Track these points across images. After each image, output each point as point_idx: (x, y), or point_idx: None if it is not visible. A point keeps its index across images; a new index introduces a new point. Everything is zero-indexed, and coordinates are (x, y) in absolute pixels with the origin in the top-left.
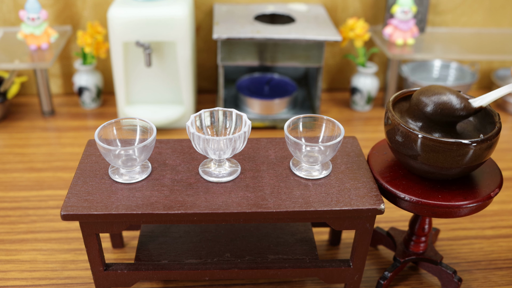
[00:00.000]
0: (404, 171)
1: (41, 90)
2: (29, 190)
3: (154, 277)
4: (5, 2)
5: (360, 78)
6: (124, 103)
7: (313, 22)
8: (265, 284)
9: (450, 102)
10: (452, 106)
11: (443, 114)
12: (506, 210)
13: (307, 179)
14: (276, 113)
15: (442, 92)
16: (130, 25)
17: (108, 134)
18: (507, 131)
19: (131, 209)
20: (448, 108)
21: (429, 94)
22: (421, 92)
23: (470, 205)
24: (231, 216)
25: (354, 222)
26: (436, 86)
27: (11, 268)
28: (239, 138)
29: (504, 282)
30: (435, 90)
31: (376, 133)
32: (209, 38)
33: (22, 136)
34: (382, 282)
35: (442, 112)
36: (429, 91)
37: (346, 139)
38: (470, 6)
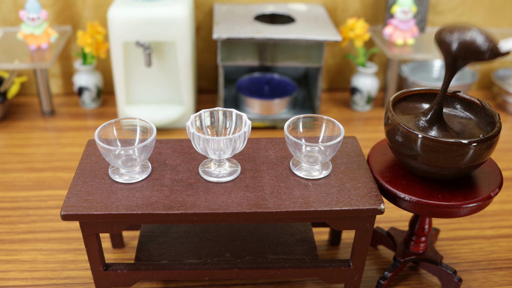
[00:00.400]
0: (404, 171)
1: (41, 90)
2: (29, 190)
3: (154, 277)
4: (5, 2)
5: (360, 78)
6: (124, 103)
7: (313, 22)
8: (265, 284)
9: (475, 41)
10: (477, 46)
11: (467, 55)
12: (506, 210)
13: (307, 179)
14: (276, 113)
15: (467, 29)
16: (130, 25)
17: (108, 134)
18: (507, 131)
19: (131, 209)
20: (472, 48)
21: (453, 30)
22: (444, 29)
23: (470, 205)
24: (231, 216)
25: (354, 222)
26: (462, 23)
27: (11, 268)
28: (239, 138)
29: (504, 282)
30: (460, 27)
31: (376, 133)
32: (209, 38)
33: (22, 136)
34: (382, 282)
35: (466, 52)
36: (453, 27)
37: (346, 139)
38: (470, 6)
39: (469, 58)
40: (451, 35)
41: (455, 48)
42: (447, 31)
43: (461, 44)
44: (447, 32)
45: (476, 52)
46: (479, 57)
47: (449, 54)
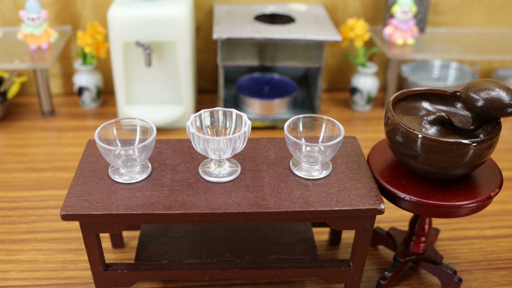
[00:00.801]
0: (404, 171)
1: (41, 90)
2: (29, 190)
3: (154, 277)
4: (5, 2)
5: (360, 78)
6: (124, 103)
7: (313, 22)
8: (265, 284)
9: (499, 97)
10: (502, 102)
11: (492, 110)
12: (506, 210)
13: (307, 179)
14: (276, 113)
15: (491, 87)
16: (130, 25)
17: (108, 134)
18: (507, 131)
19: (131, 209)
20: (497, 104)
21: (477, 90)
22: (469, 87)
23: (470, 205)
24: (231, 216)
25: (354, 222)
26: (484, 80)
27: (11, 268)
28: (239, 138)
29: (504, 282)
30: (483, 85)
31: (376, 133)
32: (209, 38)
33: (22, 136)
34: (382, 282)
35: (491, 108)
36: (477, 86)
37: (346, 139)
38: (470, 6)
39: (495, 114)
40: (477, 94)
41: (481, 105)
42: (472, 90)
43: (487, 101)
44: (473, 91)
45: (500, 108)
46: (503, 113)
47: (475, 111)
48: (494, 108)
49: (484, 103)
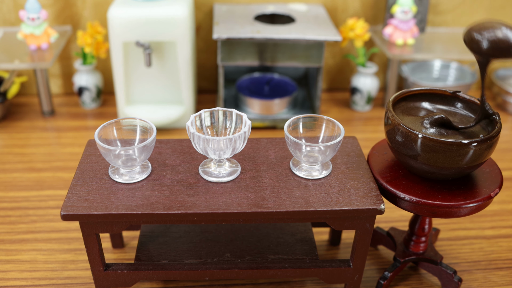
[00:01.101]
0: (404, 171)
1: (41, 90)
2: (29, 190)
3: (154, 277)
4: (5, 2)
5: (360, 78)
6: (124, 103)
7: (313, 22)
8: (265, 284)
9: (506, 38)
10: (508, 42)
11: (499, 52)
12: (506, 210)
13: (307, 179)
14: (276, 113)
15: (496, 27)
16: (130, 25)
17: (108, 134)
18: (507, 131)
19: (131, 209)
20: (504, 44)
21: (482, 29)
22: (472, 27)
23: (470, 205)
24: (231, 216)
25: (354, 222)
26: (489, 20)
27: (11, 268)
28: (239, 138)
29: (504, 282)
30: (489, 25)
31: (376, 133)
32: (209, 38)
33: (22, 136)
34: (382, 282)
35: (498, 50)
36: (482, 26)
37: (346, 139)
38: (470, 6)
39: (501, 55)
40: (480, 34)
41: (486, 46)
42: (476, 30)
43: (492, 42)
44: (476, 31)
45: (508, 49)
46: (511, 54)
47: (481, 53)
48: (501, 49)
49: (489, 44)
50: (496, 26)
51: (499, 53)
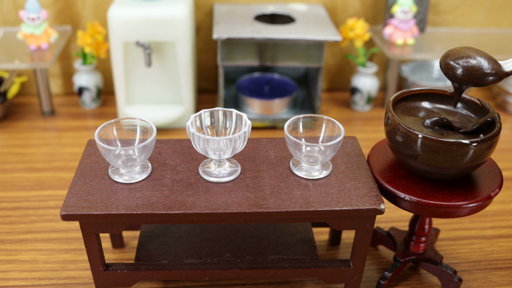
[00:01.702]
0: (404, 171)
1: (41, 90)
2: (29, 190)
3: (154, 277)
4: (5, 2)
5: (360, 78)
6: (124, 103)
7: (313, 22)
8: (265, 284)
9: (479, 66)
10: (482, 70)
11: (472, 79)
12: (506, 210)
13: (307, 179)
14: (276, 113)
15: (470, 55)
16: (130, 25)
17: (108, 134)
18: (507, 131)
19: (131, 209)
20: (477, 72)
21: (456, 57)
22: (448, 55)
23: (470, 205)
24: (231, 216)
25: (354, 222)
26: (464, 48)
27: (11, 268)
28: (239, 138)
29: (504, 282)
30: (463, 53)
31: (376, 133)
32: (209, 38)
33: (22, 136)
34: (382, 282)
35: (471, 77)
36: (456, 54)
37: (346, 139)
38: (470, 6)
39: (475, 83)
40: (456, 62)
41: (461, 74)
42: (451, 58)
43: (467, 70)
44: (452, 59)
45: (481, 76)
46: (484, 82)
47: (456, 80)
48: (475, 77)
49: (464, 71)
50: (471, 54)
51: (473, 81)
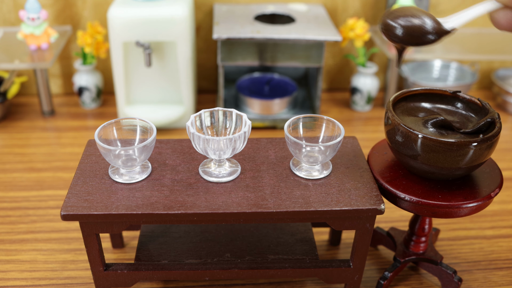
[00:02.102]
0: (404, 171)
1: (41, 90)
2: (29, 190)
3: (154, 277)
4: (5, 2)
5: (360, 78)
6: (124, 103)
7: (313, 22)
8: (265, 284)
9: (420, 25)
10: (422, 30)
11: (413, 38)
12: (506, 210)
13: (307, 179)
14: (276, 113)
15: (409, 13)
16: (130, 25)
17: (108, 134)
18: (507, 131)
19: (131, 209)
20: (417, 32)
21: (395, 16)
22: (387, 14)
23: (470, 205)
24: (231, 216)
25: (354, 222)
26: (403, 7)
27: (11, 268)
28: (239, 138)
29: (504, 282)
30: (402, 12)
31: (376, 133)
32: (209, 38)
33: (22, 136)
34: (382, 282)
35: (411, 36)
36: (395, 13)
37: (346, 139)
38: (470, 6)
39: (416, 42)
40: (395, 22)
41: (401, 34)
42: (390, 18)
43: (406, 30)
44: (391, 18)
45: (421, 36)
46: (424, 41)
47: (396, 41)
48: (415, 36)
49: (404, 31)
50: (410, 13)
51: (414, 40)
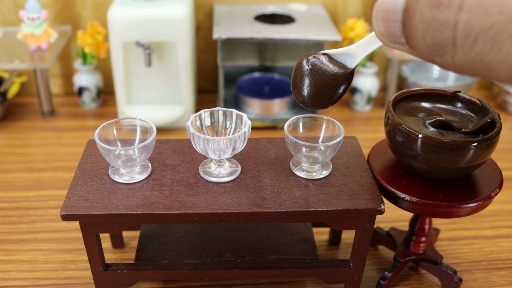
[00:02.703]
0: (404, 171)
1: (41, 90)
2: (29, 190)
3: (154, 277)
4: (5, 2)
5: (360, 78)
6: (124, 103)
7: (313, 22)
8: (265, 284)
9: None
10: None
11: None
12: (506, 210)
13: (307, 179)
14: (276, 113)
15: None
16: (130, 25)
17: (108, 134)
18: (507, 131)
19: (131, 209)
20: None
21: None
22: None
23: (470, 205)
24: (231, 216)
25: (354, 222)
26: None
27: (11, 268)
28: (239, 138)
29: (504, 282)
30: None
31: (376, 133)
32: (209, 38)
33: (22, 136)
34: (382, 282)
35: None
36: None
37: (346, 139)
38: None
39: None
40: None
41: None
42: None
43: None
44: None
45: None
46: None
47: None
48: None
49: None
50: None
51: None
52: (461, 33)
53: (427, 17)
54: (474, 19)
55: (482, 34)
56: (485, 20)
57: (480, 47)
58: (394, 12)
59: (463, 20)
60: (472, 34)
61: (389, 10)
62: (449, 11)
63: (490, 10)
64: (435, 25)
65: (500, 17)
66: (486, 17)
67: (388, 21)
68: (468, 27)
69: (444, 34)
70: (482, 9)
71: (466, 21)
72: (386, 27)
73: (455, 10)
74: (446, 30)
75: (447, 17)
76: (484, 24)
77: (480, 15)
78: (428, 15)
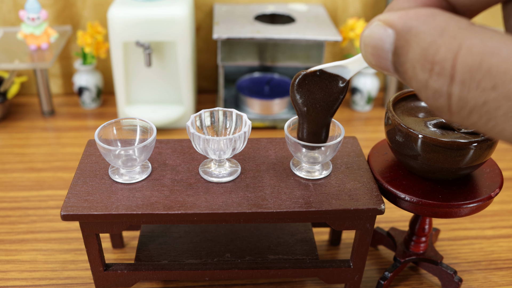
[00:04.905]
0: (405, 171)
1: (41, 90)
2: (29, 190)
3: (154, 277)
4: (5, 2)
5: (360, 78)
6: (124, 103)
7: (313, 22)
8: (265, 284)
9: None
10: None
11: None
12: (506, 210)
13: (307, 179)
14: (276, 113)
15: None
16: (130, 25)
17: (108, 134)
18: None
19: (131, 209)
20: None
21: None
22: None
23: (470, 205)
24: (231, 216)
25: (354, 222)
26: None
27: (11, 268)
28: (239, 138)
29: (504, 282)
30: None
31: (376, 133)
32: (209, 38)
33: (22, 136)
34: (383, 282)
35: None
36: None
37: (346, 139)
38: None
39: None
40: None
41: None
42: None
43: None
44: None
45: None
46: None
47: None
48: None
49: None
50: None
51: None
52: (456, 105)
53: (420, 78)
54: (468, 93)
55: (476, 108)
56: (479, 96)
57: (475, 119)
58: (383, 50)
59: (456, 93)
60: (466, 107)
61: (377, 47)
62: (442, 81)
63: (483, 85)
64: (429, 91)
65: (493, 94)
66: (479, 93)
67: (378, 57)
68: (463, 100)
69: (439, 102)
70: (474, 84)
71: (460, 95)
72: (377, 62)
73: (447, 81)
74: (440, 98)
75: (440, 87)
76: (478, 100)
77: (472, 90)
78: (421, 77)
